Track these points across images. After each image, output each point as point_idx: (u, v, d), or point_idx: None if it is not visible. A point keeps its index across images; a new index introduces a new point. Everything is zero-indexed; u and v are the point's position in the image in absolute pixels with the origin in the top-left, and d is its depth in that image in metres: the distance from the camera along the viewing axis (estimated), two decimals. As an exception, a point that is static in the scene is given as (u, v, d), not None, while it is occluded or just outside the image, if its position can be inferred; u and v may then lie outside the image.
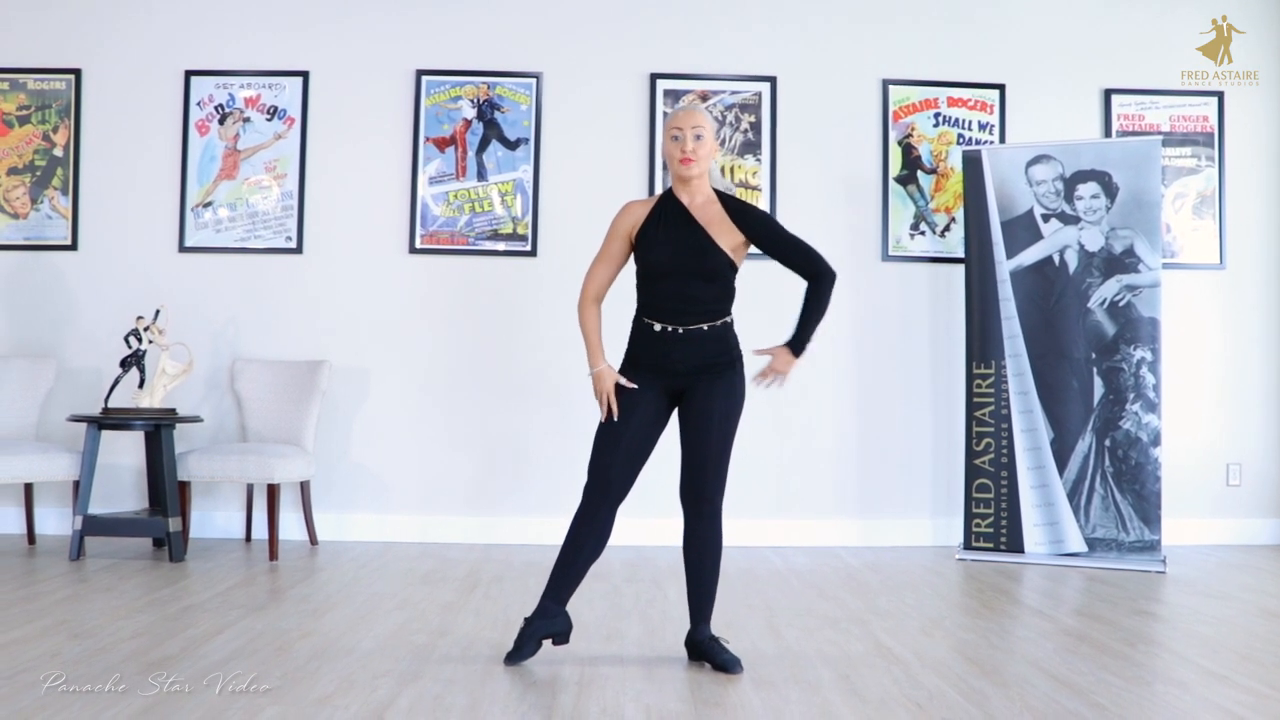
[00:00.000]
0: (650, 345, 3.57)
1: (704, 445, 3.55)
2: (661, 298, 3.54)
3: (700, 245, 3.52)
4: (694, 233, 3.53)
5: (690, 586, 3.66)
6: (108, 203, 6.36)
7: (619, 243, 3.67)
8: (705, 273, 3.51)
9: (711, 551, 3.63)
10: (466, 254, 6.36)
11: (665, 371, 3.55)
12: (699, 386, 3.55)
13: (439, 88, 6.38)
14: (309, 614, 4.28)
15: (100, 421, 5.56)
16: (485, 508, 6.31)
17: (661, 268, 3.53)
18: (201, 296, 6.31)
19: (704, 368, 3.54)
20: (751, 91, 6.43)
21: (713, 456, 3.56)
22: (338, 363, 6.29)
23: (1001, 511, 5.90)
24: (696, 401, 3.55)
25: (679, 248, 3.52)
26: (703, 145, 3.53)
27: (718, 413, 3.54)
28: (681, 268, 3.51)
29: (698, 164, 3.54)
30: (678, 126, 3.53)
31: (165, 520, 5.47)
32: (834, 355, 6.42)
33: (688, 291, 3.51)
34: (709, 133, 3.55)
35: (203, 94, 6.38)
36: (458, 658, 3.64)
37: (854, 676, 3.48)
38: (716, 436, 3.55)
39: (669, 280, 3.53)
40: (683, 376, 3.55)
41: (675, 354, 3.52)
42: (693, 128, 3.51)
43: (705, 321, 3.53)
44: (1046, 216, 5.93)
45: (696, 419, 3.56)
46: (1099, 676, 3.49)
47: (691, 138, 3.52)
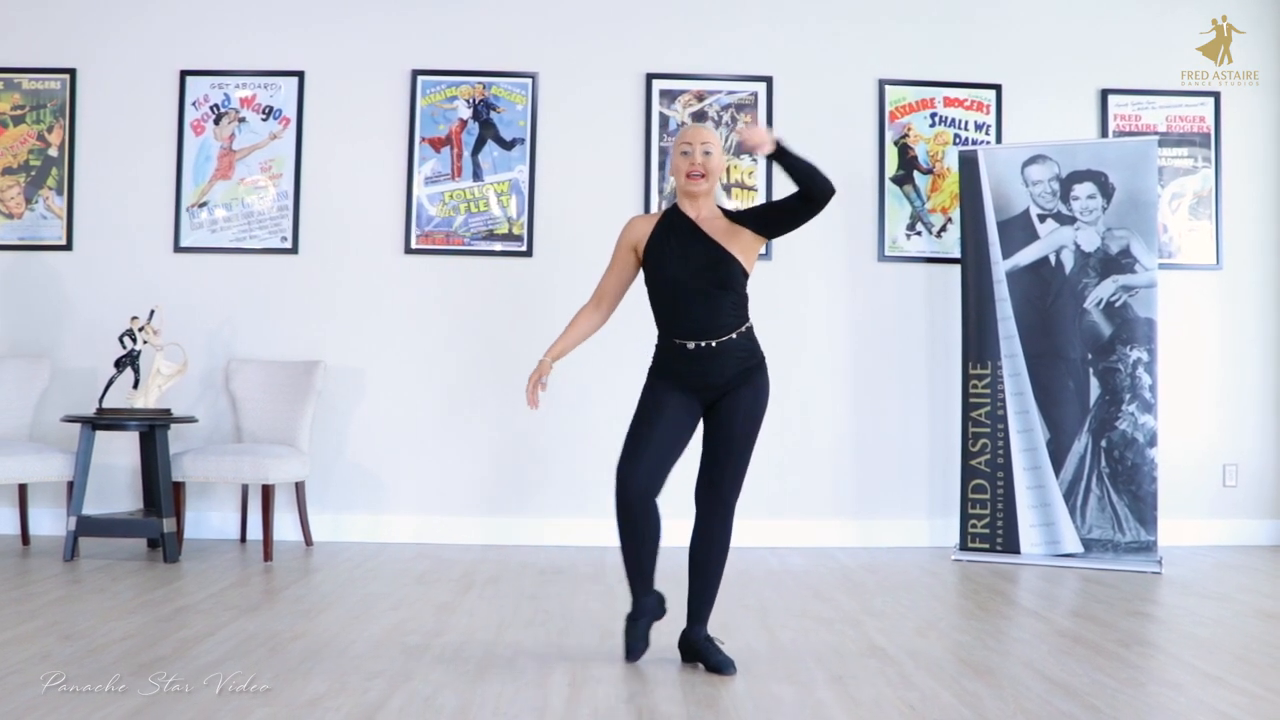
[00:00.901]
0: (686, 364, 3.57)
1: (728, 446, 3.58)
2: (685, 316, 3.56)
3: (713, 255, 3.54)
4: (705, 244, 3.56)
5: (692, 586, 3.66)
6: (103, 203, 6.35)
7: (624, 253, 3.71)
8: (721, 282, 3.53)
9: (719, 552, 3.64)
10: (462, 254, 6.34)
11: (703, 388, 3.57)
12: (728, 396, 3.58)
13: (435, 88, 6.37)
14: (302, 615, 4.27)
15: (94, 422, 5.55)
16: (482, 508, 6.29)
17: (678, 282, 3.55)
18: (197, 297, 6.29)
19: (738, 376, 3.57)
20: (748, 91, 6.42)
21: (735, 459, 3.59)
22: (333, 363, 6.28)
23: (997, 512, 5.89)
24: (725, 404, 3.58)
25: (692, 260, 3.55)
26: (711, 160, 3.56)
27: (742, 414, 3.58)
28: (698, 280, 3.53)
29: (707, 179, 3.57)
30: (687, 142, 3.57)
31: (159, 521, 5.46)
32: (830, 355, 6.41)
33: (709, 304, 3.53)
34: (718, 150, 3.59)
35: (198, 94, 6.37)
36: (451, 659, 3.63)
37: (847, 678, 3.47)
38: (740, 439, 3.58)
39: (688, 295, 3.54)
40: (713, 390, 3.58)
41: (713, 369, 3.55)
42: (702, 144, 3.55)
43: (734, 330, 3.56)
44: (1043, 217, 5.92)
45: (723, 421, 3.58)
46: (1093, 678, 3.48)
47: (701, 153, 3.55)
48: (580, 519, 6.26)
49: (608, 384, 6.19)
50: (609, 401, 6.19)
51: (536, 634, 4.04)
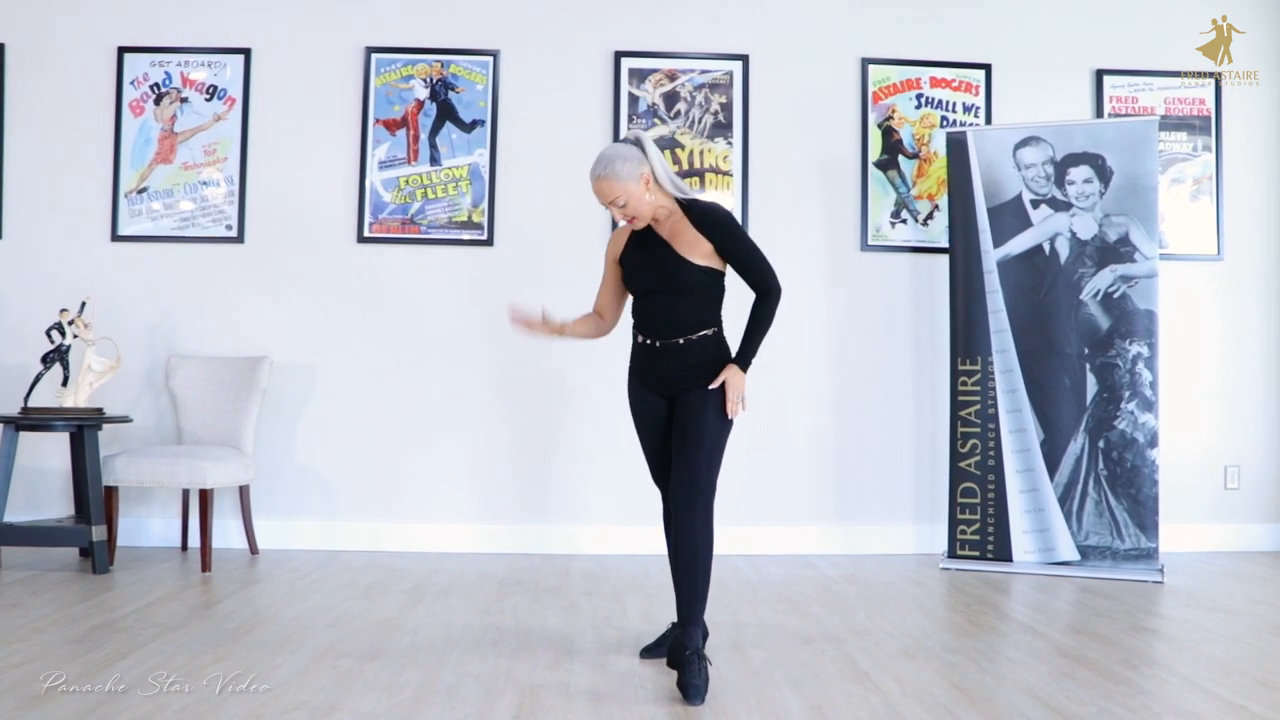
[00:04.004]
0: (638, 357, 3.65)
1: (699, 434, 3.44)
2: (642, 314, 3.61)
3: (669, 263, 3.51)
4: (662, 253, 3.53)
5: (676, 584, 3.39)
6: (34, 188, 5.94)
7: (610, 267, 3.76)
8: (678, 289, 3.51)
9: (704, 547, 3.37)
10: (418, 243, 5.96)
11: (654, 381, 3.60)
12: (689, 390, 3.52)
13: (390, 66, 5.99)
14: (228, 635, 3.88)
15: (18, 422, 5.15)
16: (440, 514, 5.91)
17: (641, 287, 3.59)
18: (136, 288, 5.91)
19: (686, 377, 3.52)
20: (722, 71, 6.06)
21: (707, 448, 3.44)
22: (280, 359, 5.89)
23: (988, 517, 5.54)
24: (690, 398, 3.51)
25: (649, 270, 3.55)
26: (630, 207, 3.46)
27: (712, 404, 3.47)
28: (656, 287, 3.54)
29: (639, 219, 3.51)
30: (601, 203, 3.49)
31: (89, 529, 5.06)
32: (810, 351, 6.06)
33: (665, 307, 3.53)
34: (631, 194, 3.44)
35: (137, 72, 5.97)
36: (384, 686, 3.25)
37: (826, 708, 3.09)
38: (711, 426, 3.45)
39: (648, 299, 3.57)
40: (669, 384, 3.56)
41: (658, 365, 3.57)
42: (611, 203, 3.45)
43: (681, 335, 3.52)
44: (1036, 202, 5.56)
45: (693, 410, 3.48)
46: (1101, 706, 3.11)
47: (617, 210, 3.48)
48: (545, 525, 5.90)
49: (574, 388, 5.86)
50: (577, 405, 5.85)
51: (485, 655, 3.66)
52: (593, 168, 3.43)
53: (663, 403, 3.60)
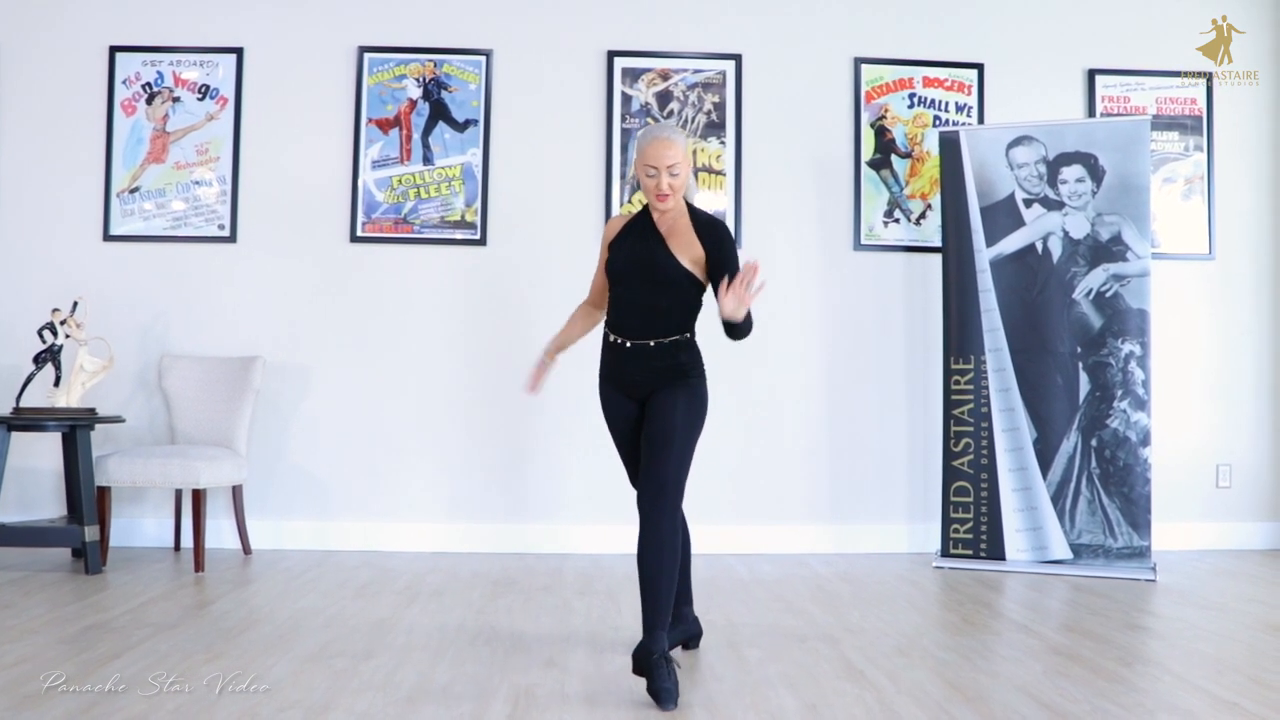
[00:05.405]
0: (607, 359, 3.59)
1: (667, 437, 3.35)
2: (616, 306, 3.53)
3: (656, 255, 3.44)
4: (654, 244, 3.47)
5: (640, 587, 3.27)
6: (25, 188, 5.93)
7: (604, 251, 3.65)
8: (657, 281, 3.43)
9: (669, 556, 3.25)
10: (412, 243, 5.96)
11: (624, 384, 3.53)
12: (657, 393, 3.46)
13: (382, 65, 5.98)
14: (222, 635, 3.87)
15: (10, 422, 5.14)
16: (433, 513, 5.91)
17: (620, 275, 3.49)
18: (128, 288, 5.90)
19: (653, 381, 3.47)
20: (715, 70, 6.06)
21: (675, 451, 3.35)
22: (274, 359, 5.88)
23: (981, 516, 5.55)
24: (659, 400, 3.45)
25: (635, 257, 3.48)
26: (679, 180, 3.42)
27: (681, 408, 3.41)
28: (634, 274, 3.46)
29: (674, 198, 3.45)
30: (652, 165, 3.39)
31: (81, 529, 5.05)
32: (803, 350, 6.06)
33: (640, 301, 3.46)
34: (685, 165, 3.43)
35: (129, 71, 5.96)
36: (380, 685, 3.25)
37: (821, 706, 3.10)
38: (681, 430, 3.37)
39: (622, 287, 3.49)
40: (639, 387, 3.50)
41: (627, 368, 3.50)
42: (668, 167, 3.38)
43: (652, 337, 3.45)
44: (1029, 202, 5.58)
45: (663, 413, 3.41)
46: (1095, 703, 3.12)
47: (667, 177, 3.40)
48: (538, 524, 5.90)
49: (570, 386, 5.86)
50: (572, 404, 5.84)
51: (479, 654, 3.66)
52: (652, 130, 3.37)
53: (634, 405, 3.54)
